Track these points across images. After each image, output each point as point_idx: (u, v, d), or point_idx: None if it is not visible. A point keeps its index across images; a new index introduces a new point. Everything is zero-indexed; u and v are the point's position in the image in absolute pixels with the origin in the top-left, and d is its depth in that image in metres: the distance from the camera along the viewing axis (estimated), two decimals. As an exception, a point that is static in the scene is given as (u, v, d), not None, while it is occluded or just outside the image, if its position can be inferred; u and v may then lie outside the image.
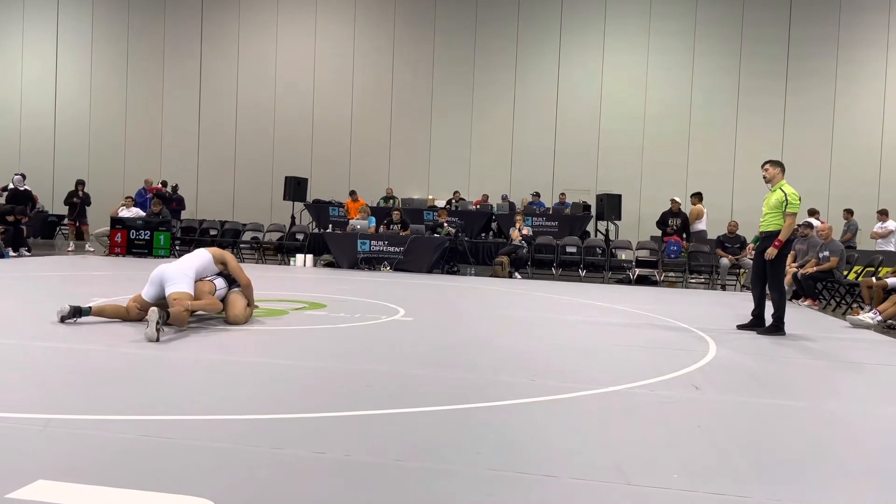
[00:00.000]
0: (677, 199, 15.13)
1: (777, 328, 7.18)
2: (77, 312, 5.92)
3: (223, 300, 6.41)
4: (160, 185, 18.26)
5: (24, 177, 15.65)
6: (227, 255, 6.53)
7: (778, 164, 7.41)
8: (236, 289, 6.53)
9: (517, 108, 20.88)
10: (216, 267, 6.36)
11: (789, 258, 11.32)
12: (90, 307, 6.03)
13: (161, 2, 22.66)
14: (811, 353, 6.33)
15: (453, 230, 15.08)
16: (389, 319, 7.14)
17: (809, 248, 11.18)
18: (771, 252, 7.09)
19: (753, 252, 7.81)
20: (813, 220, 13.44)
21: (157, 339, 5.26)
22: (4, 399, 3.63)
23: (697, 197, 15.24)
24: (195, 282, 6.13)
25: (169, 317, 5.56)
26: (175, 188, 18.62)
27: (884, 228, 14.73)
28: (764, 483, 2.86)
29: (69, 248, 15.57)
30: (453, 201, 18.54)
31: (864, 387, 5.09)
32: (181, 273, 6.01)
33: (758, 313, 7.48)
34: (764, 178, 7.43)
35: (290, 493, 2.56)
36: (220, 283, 6.38)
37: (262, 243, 16.01)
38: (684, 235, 14.62)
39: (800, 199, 7.28)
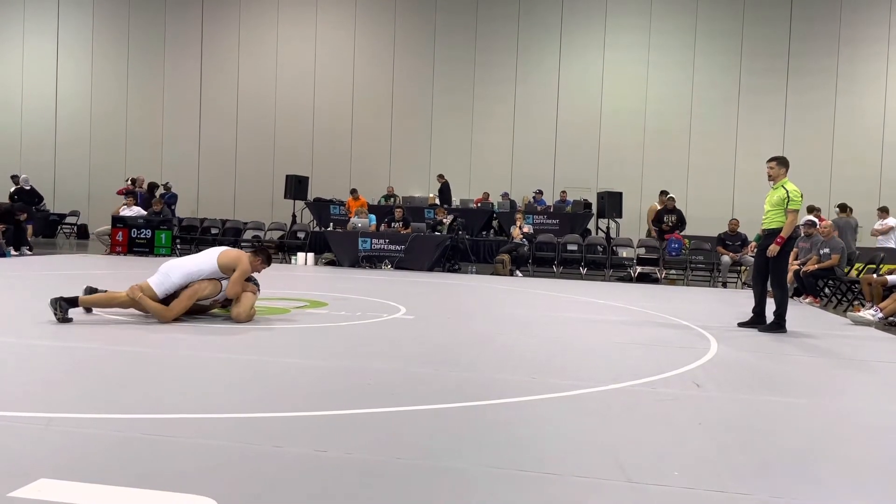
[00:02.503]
0: (672, 196, 15.23)
1: (778, 325, 7.18)
2: (61, 301, 5.83)
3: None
4: (129, 185, 18.20)
5: (18, 177, 15.77)
6: (242, 262, 6.24)
7: (783, 162, 7.36)
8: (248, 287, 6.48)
9: (518, 107, 20.87)
10: (222, 274, 6.25)
11: (791, 256, 11.32)
12: (76, 297, 5.96)
13: (162, 0, 22.67)
14: (812, 350, 6.33)
15: (452, 219, 15.04)
16: (391, 318, 7.14)
17: (812, 246, 11.18)
18: (773, 249, 7.09)
19: (755, 250, 7.78)
20: (812, 218, 13.44)
21: (61, 319, 5.63)
22: (6, 398, 3.63)
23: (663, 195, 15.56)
24: (202, 280, 6.15)
25: (74, 303, 5.76)
26: (167, 186, 18.57)
27: (884, 225, 14.71)
28: (765, 480, 2.86)
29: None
30: (438, 185, 18.66)
31: (865, 384, 5.09)
32: (165, 271, 6.08)
33: (759, 311, 7.47)
34: (768, 175, 7.38)
35: (292, 491, 2.56)
36: (227, 284, 6.35)
37: (264, 242, 16.01)
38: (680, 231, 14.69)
39: (801, 197, 7.28)
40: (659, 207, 15.31)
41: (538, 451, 3.13)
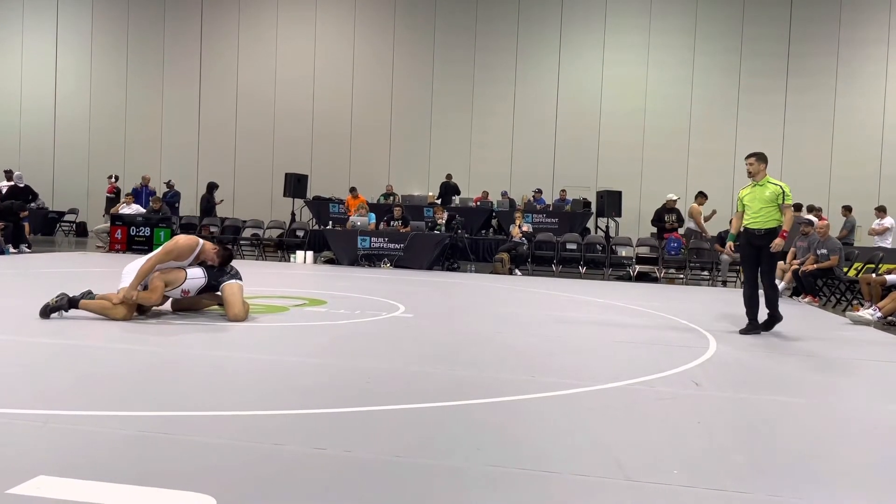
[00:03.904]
0: (674, 196, 15.10)
1: (774, 318, 7.01)
2: (66, 298, 5.89)
3: (208, 292, 6.44)
4: (113, 182, 18.24)
5: (11, 172, 15.83)
6: (175, 240, 6.31)
7: (763, 158, 7.17)
8: (230, 280, 6.37)
9: (517, 105, 20.87)
10: (179, 262, 6.22)
11: (789, 255, 11.32)
12: (78, 299, 5.96)
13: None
14: (811, 349, 6.33)
15: (448, 218, 15.01)
16: (389, 316, 7.14)
17: (809, 246, 11.18)
18: (778, 243, 6.85)
19: (733, 250, 7.58)
20: (812, 217, 13.43)
21: (47, 315, 5.80)
22: (5, 395, 3.63)
23: (702, 196, 15.06)
24: (169, 270, 6.18)
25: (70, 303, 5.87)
26: (170, 184, 18.59)
27: (881, 225, 14.69)
28: (763, 479, 2.87)
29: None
30: (446, 183, 18.85)
31: (864, 383, 5.10)
32: (126, 273, 6.13)
33: (756, 314, 7.08)
34: (748, 172, 7.15)
35: (291, 489, 2.56)
36: (193, 272, 6.26)
37: (263, 240, 16.01)
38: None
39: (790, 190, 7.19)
40: (700, 208, 14.82)
41: (537, 449, 3.13)
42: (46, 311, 5.84)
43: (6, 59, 23.49)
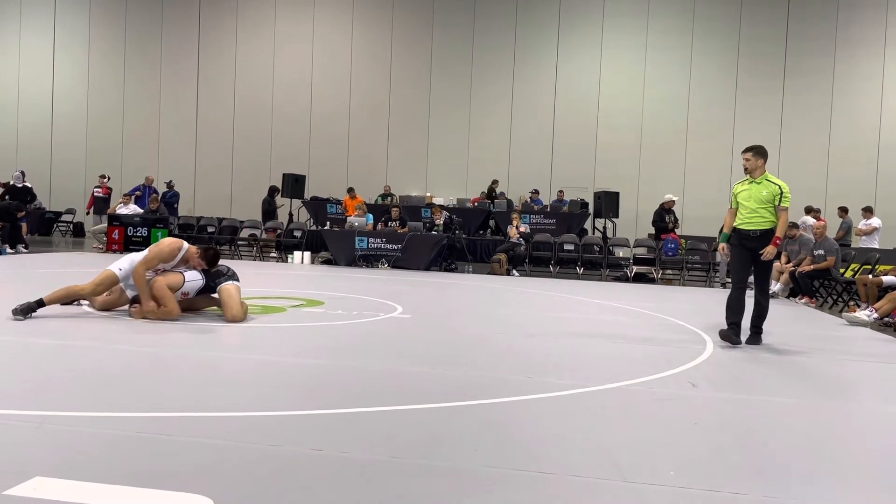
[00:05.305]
0: (673, 196, 15.15)
1: (759, 333, 6.43)
2: (30, 309, 5.82)
3: (206, 293, 6.45)
4: (105, 181, 18.22)
5: (23, 174, 15.73)
6: (159, 244, 6.27)
7: (761, 152, 6.47)
8: (228, 282, 6.38)
9: (515, 106, 20.88)
10: (165, 265, 6.20)
11: (783, 258, 11.33)
12: (41, 299, 5.92)
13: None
14: (807, 350, 6.34)
15: (446, 218, 14.99)
16: (387, 317, 7.14)
17: (801, 247, 11.18)
18: (771, 251, 6.25)
19: (726, 252, 6.71)
20: (810, 219, 13.45)
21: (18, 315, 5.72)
22: (1, 395, 3.63)
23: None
24: (163, 271, 6.19)
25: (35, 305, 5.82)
26: (170, 184, 18.58)
27: (868, 226, 14.71)
28: (760, 480, 2.87)
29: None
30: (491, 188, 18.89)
31: (860, 384, 5.11)
32: (123, 260, 6.18)
33: (740, 319, 6.36)
34: (745, 168, 6.50)
35: (288, 490, 2.56)
36: (191, 275, 6.28)
37: (260, 240, 16.00)
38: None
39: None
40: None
41: (534, 450, 3.13)
42: (25, 311, 5.79)
43: (4, 58, 23.45)
